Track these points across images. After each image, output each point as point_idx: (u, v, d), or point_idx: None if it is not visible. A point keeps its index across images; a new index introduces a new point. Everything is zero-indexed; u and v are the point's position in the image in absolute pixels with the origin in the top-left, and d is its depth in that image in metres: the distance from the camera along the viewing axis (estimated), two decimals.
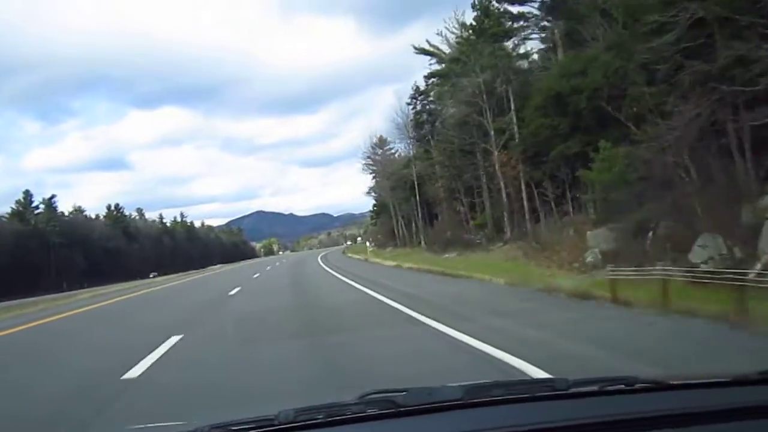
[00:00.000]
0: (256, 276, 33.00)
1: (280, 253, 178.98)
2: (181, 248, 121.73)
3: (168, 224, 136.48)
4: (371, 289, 15.61)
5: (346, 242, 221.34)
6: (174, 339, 9.10)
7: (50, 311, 21.87)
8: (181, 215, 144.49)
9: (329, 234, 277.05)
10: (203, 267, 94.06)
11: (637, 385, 1.72)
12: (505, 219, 32.12)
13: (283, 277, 28.26)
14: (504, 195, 31.68)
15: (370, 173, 72.96)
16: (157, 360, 7.54)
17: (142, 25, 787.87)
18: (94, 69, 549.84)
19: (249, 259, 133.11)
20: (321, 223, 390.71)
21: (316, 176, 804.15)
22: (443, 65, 40.38)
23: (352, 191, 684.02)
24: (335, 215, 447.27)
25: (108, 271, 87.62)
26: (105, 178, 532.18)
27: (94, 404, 5.48)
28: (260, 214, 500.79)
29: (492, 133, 31.08)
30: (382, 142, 75.44)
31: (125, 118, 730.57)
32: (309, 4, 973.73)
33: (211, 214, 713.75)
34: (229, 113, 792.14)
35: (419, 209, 51.59)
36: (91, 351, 9.93)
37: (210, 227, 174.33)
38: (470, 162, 37.60)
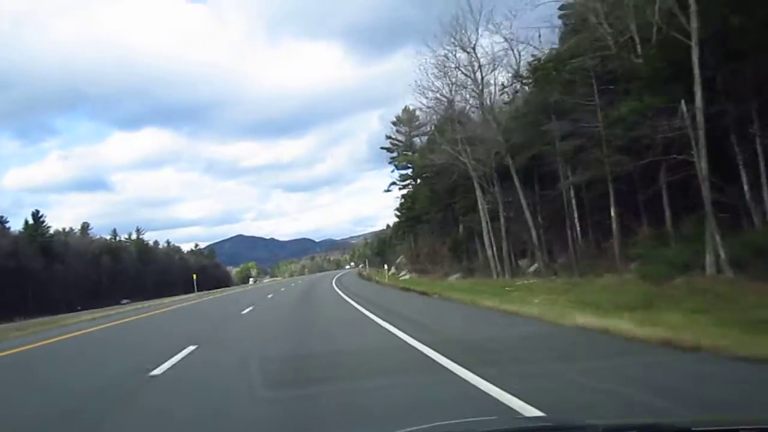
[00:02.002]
0: None
1: (252, 282, 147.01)
2: (128, 272, 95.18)
3: (116, 241, 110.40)
4: None
5: (346, 265, 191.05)
6: None
7: None
8: (137, 231, 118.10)
9: (312, 258, 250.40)
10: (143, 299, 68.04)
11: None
12: None
13: None
14: None
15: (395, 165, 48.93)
16: None
17: (124, 44, 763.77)
18: (75, 87, 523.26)
19: (214, 290, 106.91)
20: (302, 248, 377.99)
21: (299, 201, 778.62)
22: None
23: (334, 217, 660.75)
24: (317, 240, 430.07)
25: (11, 302, 61.32)
26: (84, 199, 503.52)
27: None
28: (241, 238, 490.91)
29: None
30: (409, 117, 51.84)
31: (107, 139, 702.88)
32: (296, 28, 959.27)
33: (191, 237, 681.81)
34: (213, 136, 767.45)
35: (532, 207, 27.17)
36: None
37: (176, 248, 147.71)
38: None
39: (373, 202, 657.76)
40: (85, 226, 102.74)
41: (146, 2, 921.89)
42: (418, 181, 56.13)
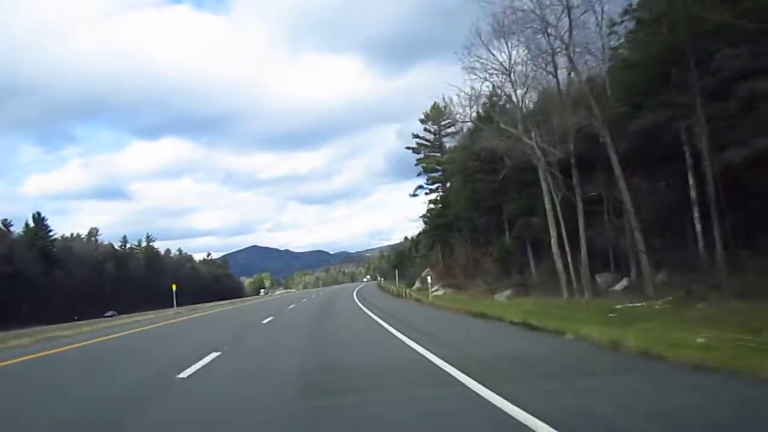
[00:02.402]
0: None
1: (263, 293, 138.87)
2: (134, 280, 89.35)
3: (125, 248, 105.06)
4: None
5: (363, 278, 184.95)
6: None
7: None
8: (148, 238, 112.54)
9: (327, 271, 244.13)
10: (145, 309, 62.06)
11: None
12: None
13: None
14: None
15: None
16: None
17: (145, 54, 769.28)
18: (97, 96, 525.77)
19: (224, 300, 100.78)
20: (317, 260, 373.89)
21: (315, 213, 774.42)
22: None
23: (349, 230, 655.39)
24: (332, 253, 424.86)
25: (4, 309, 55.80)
26: (102, 207, 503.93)
27: None
28: (255, 249, 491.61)
29: None
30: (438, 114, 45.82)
31: (126, 148, 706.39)
32: (316, 41, 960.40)
33: (206, 247, 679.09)
34: (231, 147, 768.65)
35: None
36: None
37: (188, 256, 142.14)
38: None
39: (388, 216, 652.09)
40: (92, 232, 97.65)
41: (167, 14, 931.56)
42: (448, 184, 49.84)
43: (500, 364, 7.36)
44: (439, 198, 49.72)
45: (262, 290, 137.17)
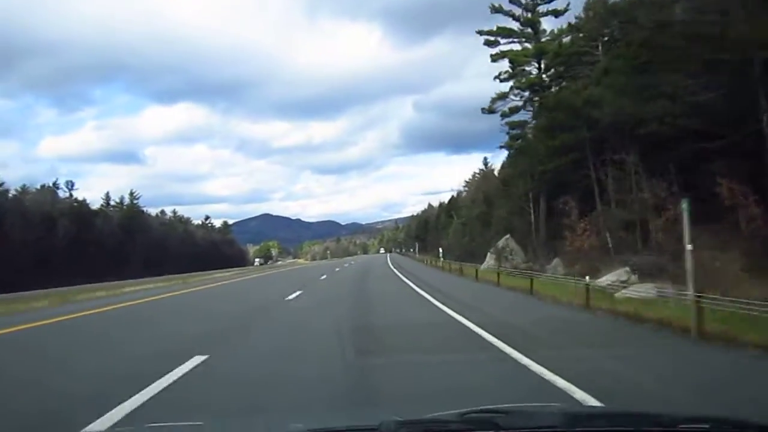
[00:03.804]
0: None
1: (258, 264, 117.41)
2: (103, 244, 70.87)
3: (107, 206, 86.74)
4: None
5: (381, 249, 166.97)
6: None
7: None
8: (131, 195, 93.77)
9: (338, 241, 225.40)
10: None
11: (747, 429, 1.66)
12: None
13: None
14: None
15: None
16: None
17: (165, 15, 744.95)
18: (116, 57, 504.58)
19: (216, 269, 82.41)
20: (328, 230, 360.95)
21: (327, 183, 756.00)
22: None
23: (361, 201, 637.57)
24: (343, 224, 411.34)
25: None
26: (115, 171, 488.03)
27: None
28: (266, 217, 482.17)
29: None
30: None
31: (142, 112, 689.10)
32: (335, 7, 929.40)
33: (219, 214, 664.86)
34: (246, 114, 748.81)
35: None
36: None
37: (184, 219, 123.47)
38: None
39: (401, 189, 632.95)
40: (57, 184, 77.66)
41: None
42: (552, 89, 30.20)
43: None
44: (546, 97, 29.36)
45: (257, 260, 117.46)
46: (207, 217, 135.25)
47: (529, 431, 1.52)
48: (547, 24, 34.97)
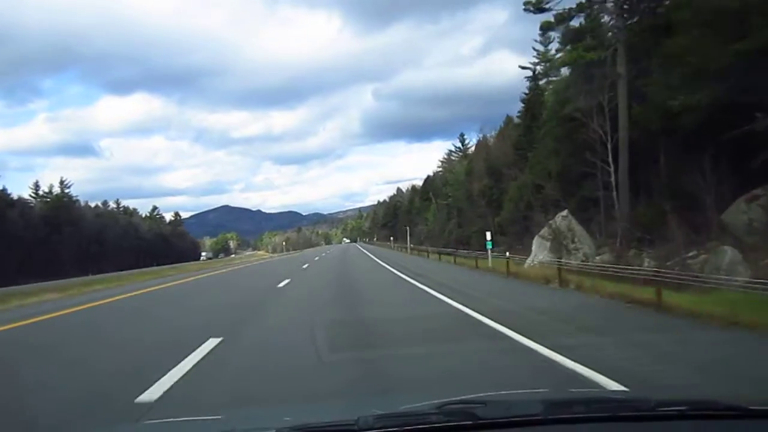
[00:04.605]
0: None
1: (205, 258, 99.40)
2: (18, 240, 58.91)
3: (37, 195, 74.35)
4: None
5: (345, 239, 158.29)
6: None
7: None
8: (62, 184, 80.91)
9: (299, 230, 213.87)
10: None
11: (724, 411, 1.58)
12: None
13: None
14: None
15: None
16: None
17: (120, 3, 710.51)
18: (67, 46, 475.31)
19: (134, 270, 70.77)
20: (289, 220, 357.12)
21: (289, 174, 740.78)
22: None
23: (323, 191, 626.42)
24: (304, 214, 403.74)
25: None
26: (71, 164, 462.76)
27: None
28: (227, 209, 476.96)
29: None
30: None
31: (96, 103, 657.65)
32: None
33: (178, 206, 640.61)
34: (204, 104, 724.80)
35: None
36: None
37: (128, 210, 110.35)
38: None
39: (362, 178, 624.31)
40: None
41: None
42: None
43: None
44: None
45: (204, 254, 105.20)
46: (155, 208, 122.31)
47: (507, 420, 1.52)
48: None
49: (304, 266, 27.80)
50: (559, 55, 27.99)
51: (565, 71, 27.17)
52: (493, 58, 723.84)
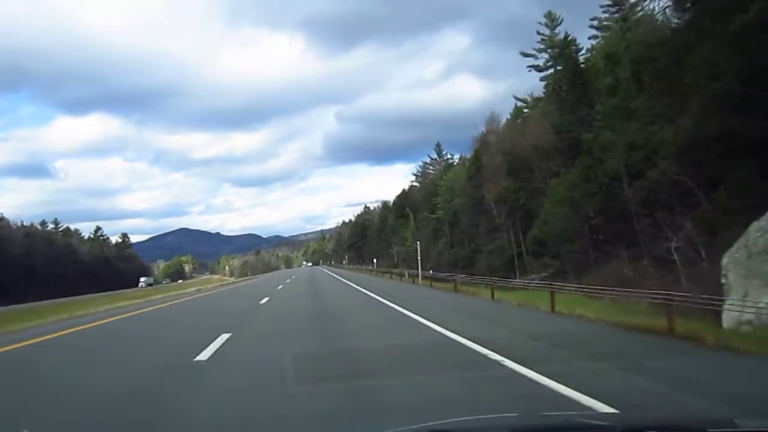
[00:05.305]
0: None
1: (144, 285, 79.16)
2: None
3: None
4: None
5: (305, 263, 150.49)
6: None
7: None
8: None
9: (258, 253, 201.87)
10: None
11: None
12: None
13: None
14: None
15: None
16: None
17: (75, 21, 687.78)
18: (19, 65, 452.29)
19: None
20: (249, 243, 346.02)
21: (249, 196, 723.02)
22: None
23: (283, 213, 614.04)
24: (264, 236, 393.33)
25: None
26: (24, 186, 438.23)
27: None
28: (185, 231, 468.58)
29: None
30: None
31: (51, 123, 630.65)
32: (256, 15, 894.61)
33: (135, 229, 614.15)
34: (163, 125, 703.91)
35: None
36: None
37: (70, 231, 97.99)
38: None
39: (324, 201, 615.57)
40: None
41: None
42: None
43: None
44: None
45: (143, 280, 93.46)
46: (98, 229, 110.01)
47: None
48: None
49: (262, 301, 19.12)
50: None
51: None
52: (455, 82, 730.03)
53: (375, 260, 38.49)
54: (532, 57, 35.95)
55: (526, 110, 34.34)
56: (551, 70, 35.00)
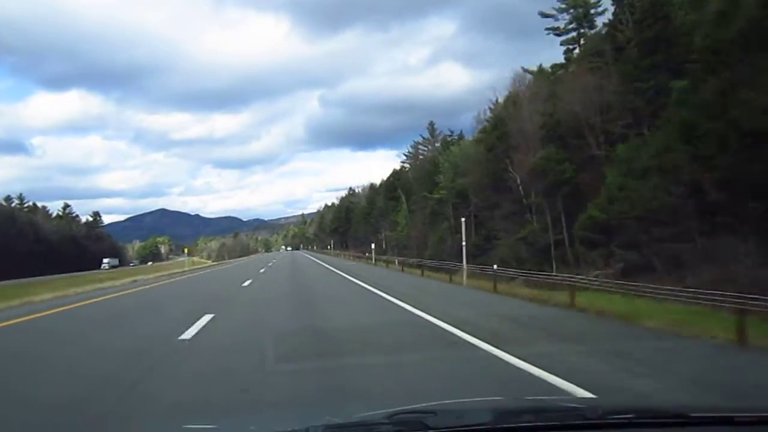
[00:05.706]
0: None
1: (107, 266, 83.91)
2: None
3: None
4: None
5: (284, 247, 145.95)
6: None
7: None
8: None
9: (236, 236, 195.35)
10: None
11: (670, 419, 1.57)
12: None
13: None
14: None
15: None
16: None
17: None
18: None
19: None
20: (228, 226, 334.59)
21: (230, 178, 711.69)
22: None
23: (264, 197, 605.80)
24: (244, 220, 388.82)
25: None
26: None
27: None
28: (163, 213, 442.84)
29: None
30: None
31: (29, 98, 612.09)
32: None
33: (113, 208, 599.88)
34: (144, 104, 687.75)
35: None
36: None
37: (29, 207, 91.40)
38: None
39: (305, 185, 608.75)
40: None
41: None
42: None
43: None
44: None
45: (106, 261, 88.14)
46: (66, 206, 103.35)
47: (456, 429, 1.50)
48: None
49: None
50: None
51: None
52: (441, 69, 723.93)
53: (373, 245, 33.76)
54: (551, 18, 31.39)
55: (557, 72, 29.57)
56: (573, 33, 30.60)
